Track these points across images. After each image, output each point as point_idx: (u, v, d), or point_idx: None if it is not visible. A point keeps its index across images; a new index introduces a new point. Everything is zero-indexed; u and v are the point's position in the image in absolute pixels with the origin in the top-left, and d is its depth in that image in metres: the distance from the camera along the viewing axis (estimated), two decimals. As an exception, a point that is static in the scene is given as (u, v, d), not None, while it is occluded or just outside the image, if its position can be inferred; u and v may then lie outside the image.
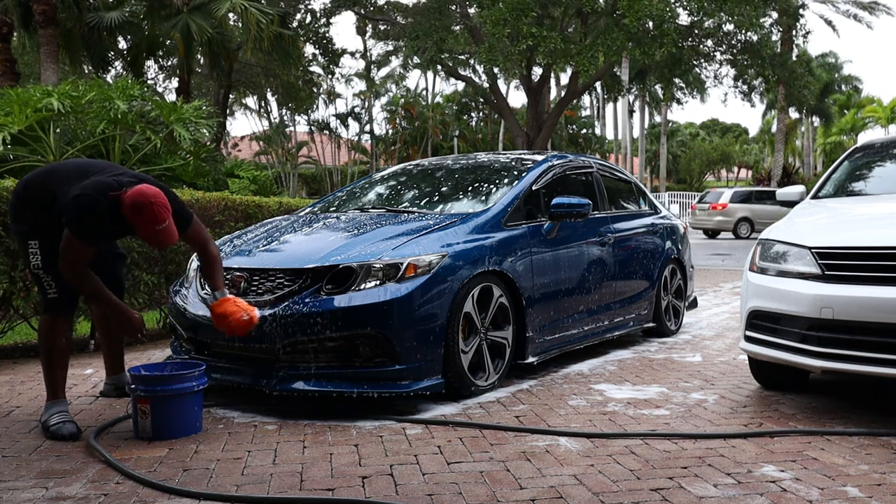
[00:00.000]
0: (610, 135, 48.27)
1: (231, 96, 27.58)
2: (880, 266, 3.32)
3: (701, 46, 20.28)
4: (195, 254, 4.32)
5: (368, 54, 35.04)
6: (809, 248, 3.57)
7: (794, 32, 22.79)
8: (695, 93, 32.93)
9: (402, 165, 5.80)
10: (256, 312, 3.53)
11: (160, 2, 15.89)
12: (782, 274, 3.67)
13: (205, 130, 8.22)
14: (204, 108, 8.42)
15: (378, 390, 3.59)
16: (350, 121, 38.89)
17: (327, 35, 23.01)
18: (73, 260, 3.25)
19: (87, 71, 18.00)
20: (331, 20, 22.82)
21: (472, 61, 23.84)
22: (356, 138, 40.56)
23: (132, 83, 7.64)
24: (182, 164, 8.05)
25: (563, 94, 24.06)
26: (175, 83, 22.64)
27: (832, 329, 3.39)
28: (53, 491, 2.64)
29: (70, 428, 3.29)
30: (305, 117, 37.10)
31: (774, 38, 21.70)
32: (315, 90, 29.37)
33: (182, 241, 3.57)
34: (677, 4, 17.40)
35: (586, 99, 45.74)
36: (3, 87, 8.58)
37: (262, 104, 36.43)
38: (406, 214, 4.54)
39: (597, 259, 5.09)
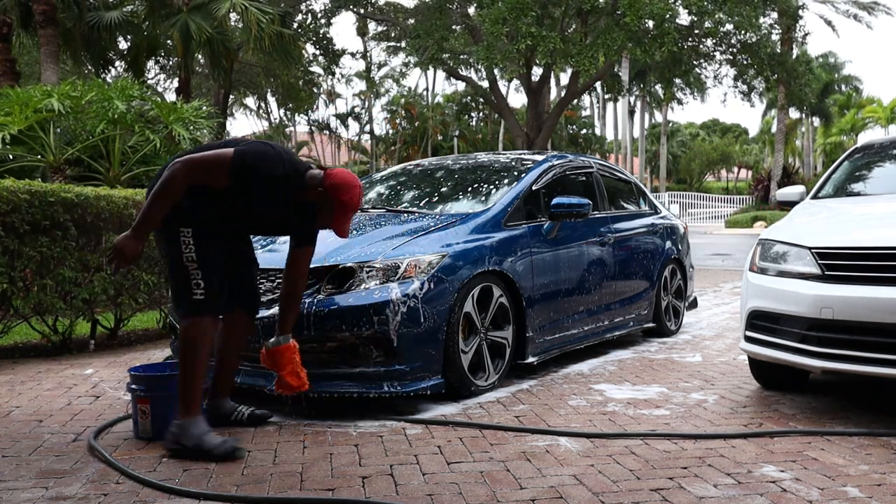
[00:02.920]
0: (610, 135, 48.32)
1: (231, 96, 27.59)
2: (880, 266, 3.32)
3: (701, 46, 20.27)
4: None
5: (368, 54, 35.08)
6: (809, 249, 3.57)
7: (793, 32, 22.80)
8: (695, 93, 32.89)
9: (402, 165, 5.80)
10: (307, 385, 3.34)
11: (160, 1, 15.88)
12: (782, 274, 3.66)
13: (205, 130, 8.23)
14: (204, 108, 8.43)
15: (378, 390, 3.59)
16: (350, 121, 38.96)
17: (327, 35, 23.02)
18: (193, 175, 2.91)
19: (87, 71, 17.99)
20: (331, 20, 22.84)
21: (472, 61, 23.82)
22: (356, 138, 40.60)
23: (131, 83, 7.65)
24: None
25: (563, 94, 24.05)
26: (175, 83, 22.66)
27: (832, 329, 3.39)
28: (53, 491, 2.63)
29: (234, 443, 2.98)
30: (305, 117, 37.13)
31: (774, 37, 21.69)
32: (315, 90, 29.39)
33: (292, 255, 3.29)
34: (677, 4, 17.39)
35: (586, 99, 45.77)
36: (3, 87, 8.57)
37: (262, 104, 36.46)
38: (406, 214, 4.54)
39: (597, 259, 5.09)
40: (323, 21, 22.77)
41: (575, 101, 31.58)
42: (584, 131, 43.69)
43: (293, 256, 3.33)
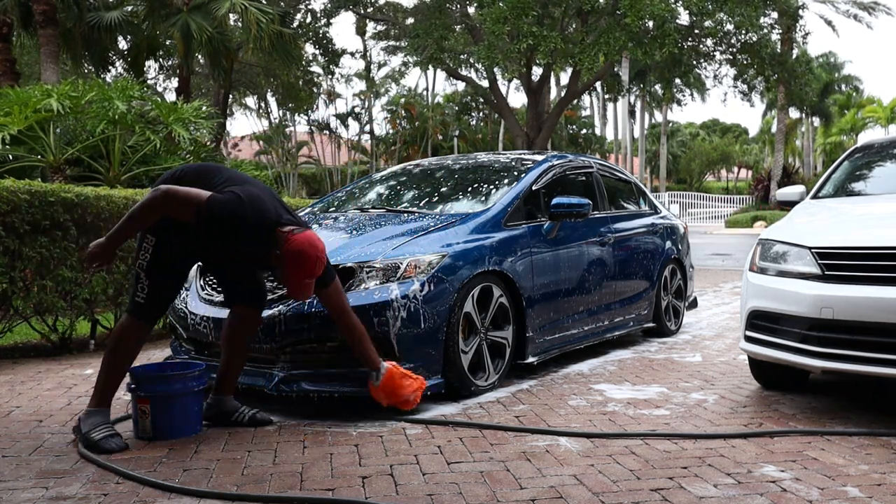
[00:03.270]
0: (610, 135, 48.31)
1: (231, 96, 27.58)
2: (880, 266, 3.32)
3: (701, 46, 20.27)
4: None
5: (368, 54, 35.07)
6: (809, 248, 3.57)
7: (793, 32, 22.79)
8: (695, 93, 32.94)
9: (402, 165, 5.80)
10: (423, 379, 3.49)
11: (160, 1, 15.88)
12: (782, 274, 3.66)
13: (204, 130, 8.23)
14: (204, 108, 8.43)
15: (378, 390, 3.59)
16: (350, 121, 38.90)
17: (327, 35, 23.01)
18: (168, 207, 3.03)
19: (87, 71, 18.00)
20: (331, 20, 22.83)
21: (472, 61, 23.82)
22: (356, 138, 40.57)
23: (131, 83, 7.65)
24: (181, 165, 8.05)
25: (563, 94, 24.05)
26: (175, 83, 22.65)
27: (832, 329, 3.39)
28: (53, 491, 2.63)
29: (119, 442, 3.08)
30: (305, 117, 37.10)
31: (774, 37, 21.69)
32: (315, 90, 29.38)
33: (318, 297, 3.37)
34: (678, 4, 17.39)
35: (586, 99, 45.76)
36: (3, 87, 8.57)
37: (262, 104, 36.44)
38: (406, 214, 4.54)
39: (597, 259, 5.09)
40: (323, 21, 22.76)
41: (575, 101, 31.59)
42: (584, 131, 43.66)
43: (322, 297, 3.35)
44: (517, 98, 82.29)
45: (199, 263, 4.11)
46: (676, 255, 6.22)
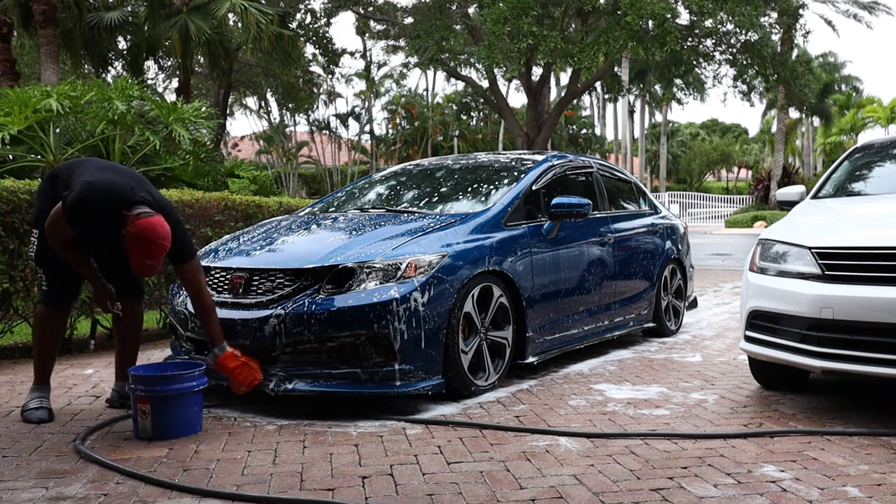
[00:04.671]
0: (610, 135, 48.32)
1: (231, 96, 27.57)
2: (880, 266, 3.32)
3: (700, 46, 20.26)
4: None
5: (368, 54, 35.06)
6: (809, 248, 3.57)
7: (793, 32, 22.78)
8: (695, 93, 32.90)
9: (402, 165, 5.80)
10: (258, 370, 3.61)
11: (160, 2, 15.89)
12: (782, 274, 3.66)
13: (204, 130, 8.23)
14: (204, 108, 8.42)
15: (378, 390, 3.59)
16: (350, 121, 38.86)
17: (327, 35, 23.00)
18: (53, 233, 3.34)
19: (87, 71, 17.99)
20: (331, 20, 22.82)
21: (472, 60, 23.81)
22: (356, 138, 40.55)
23: (131, 83, 7.64)
24: (182, 165, 8.05)
25: (563, 94, 24.04)
26: (175, 83, 22.65)
27: (832, 329, 3.39)
28: (53, 491, 2.63)
29: (41, 415, 3.48)
30: (305, 117, 37.09)
31: (774, 37, 21.68)
32: (315, 90, 29.37)
33: (176, 273, 3.64)
34: (678, 4, 17.39)
35: (586, 99, 45.78)
36: (3, 87, 8.58)
37: (262, 104, 36.43)
38: (406, 214, 4.54)
39: (597, 259, 5.09)
40: (323, 21, 22.75)
41: (575, 101, 31.59)
42: (584, 131, 43.66)
43: (178, 274, 3.62)
44: (517, 98, 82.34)
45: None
46: (676, 255, 6.22)
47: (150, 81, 24.31)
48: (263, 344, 3.67)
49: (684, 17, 18.65)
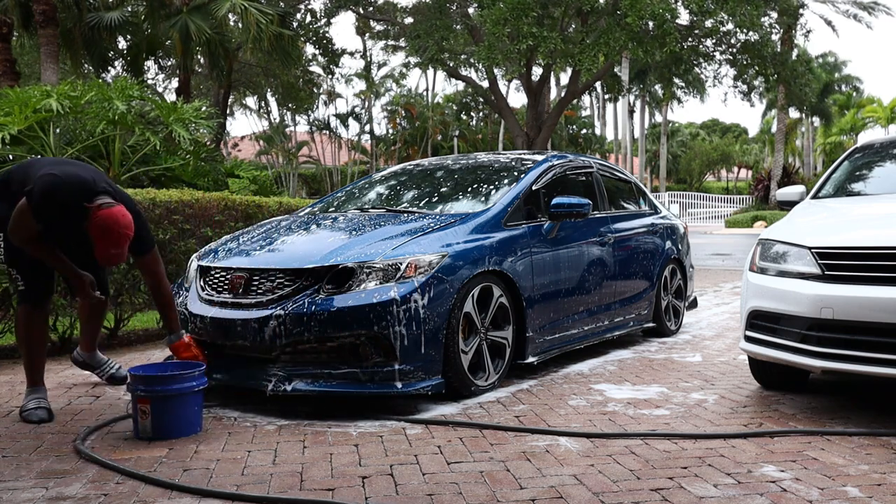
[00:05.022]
0: (610, 135, 48.33)
1: (231, 96, 27.57)
2: (880, 266, 3.32)
3: (700, 46, 20.27)
4: (194, 255, 4.38)
5: (368, 54, 35.06)
6: (809, 248, 3.57)
7: (793, 32, 22.78)
8: (695, 93, 32.92)
9: (402, 165, 5.80)
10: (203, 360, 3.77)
11: (160, 2, 15.89)
12: (782, 274, 3.66)
13: (204, 130, 8.22)
14: (204, 108, 8.42)
15: (378, 390, 3.59)
16: (350, 121, 38.87)
17: (327, 35, 23.00)
18: (18, 230, 3.36)
19: (87, 71, 18.00)
20: (331, 20, 22.82)
21: (472, 60, 23.81)
22: (356, 138, 40.55)
23: (131, 83, 7.64)
24: (182, 165, 8.05)
25: (563, 94, 24.04)
26: (175, 83, 22.65)
27: (832, 329, 3.39)
28: (53, 491, 2.63)
29: (41, 414, 3.51)
30: (305, 117, 37.09)
31: (774, 37, 21.68)
32: (315, 90, 29.36)
33: (136, 263, 3.80)
34: (678, 4, 17.39)
35: (586, 99, 45.79)
36: (3, 87, 8.58)
37: (262, 104, 36.43)
38: (406, 214, 4.54)
39: (597, 259, 5.09)
40: (323, 21, 22.76)
41: (575, 101, 31.59)
42: (584, 131, 43.68)
43: (138, 265, 3.80)
44: (517, 98, 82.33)
45: (199, 265, 4.17)
46: (676, 255, 6.22)
47: (150, 81, 24.32)
48: (263, 344, 3.67)
49: (684, 17, 18.66)
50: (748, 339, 3.85)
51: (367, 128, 39.25)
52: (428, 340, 3.69)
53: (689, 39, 19.61)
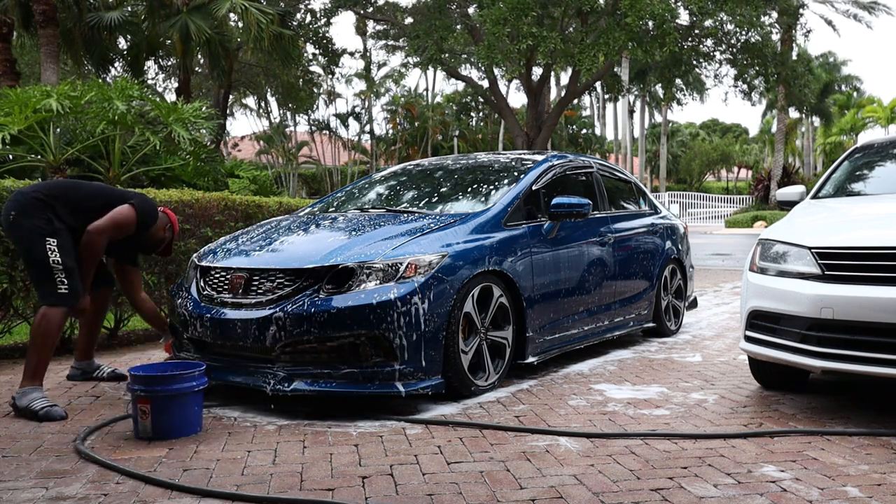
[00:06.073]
0: (610, 135, 48.34)
1: (231, 96, 27.57)
2: (880, 266, 3.32)
3: (701, 46, 20.27)
4: (194, 255, 4.39)
5: (368, 54, 35.05)
6: (809, 248, 3.57)
7: (793, 32, 22.79)
8: (695, 93, 32.91)
9: (402, 165, 5.80)
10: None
11: (160, 2, 15.89)
12: (782, 274, 3.66)
13: (204, 130, 8.23)
14: (204, 108, 8.42)
15: (378, 390, 3.59)
16: (350, 121, 38.87)
17: (327, 35, 22.99)
18: (119, 232, 3.90)
19: (87, 71, 17.99)
20: (331, 20, 22.81)
21: (472, 60, 23.81)
22: (356, 138, 40.55)
23: (131, 83, 7.64)
24: (182, 165, 8.05)
25: (563, 94, 24.04)
26: (175, 83, 22.65)
27: (832, 329, 3.39)
28: (53, 491, 2.64)
29: (59, 412, 3.57)
30: (305, 117, 37.09)
31: (774, 37, 21.69)
32: (315, 90, 29.35)
33: (127, 277, 4.30)
34: (678, 4, 17.39)
35: (586, 99, 45.81)
36: (3, 87, 8.58)
37: (262, 104, 36.42)
38: (406, 214, 4.54)
39: (597, 259, 5.09)
40: (323, 20, 22.75)
41: (575, 101, 31.59)
42: (584, 131, 43.67)
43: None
44: (517, 98, 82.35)
45: (199, 265, 4.18)
46: (676, 255, 6.22)
47: (150, 81, 24.31)
48: (263, 344, 3.67)
49: (684, 17, 18.66)
50: (748, 339, 3.85)
51: (367, 128, 39.25)
52: (428, 340, 3.69)
53: (689, 39, 19.61)
